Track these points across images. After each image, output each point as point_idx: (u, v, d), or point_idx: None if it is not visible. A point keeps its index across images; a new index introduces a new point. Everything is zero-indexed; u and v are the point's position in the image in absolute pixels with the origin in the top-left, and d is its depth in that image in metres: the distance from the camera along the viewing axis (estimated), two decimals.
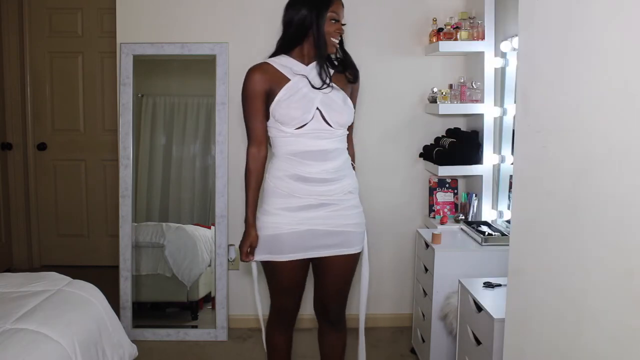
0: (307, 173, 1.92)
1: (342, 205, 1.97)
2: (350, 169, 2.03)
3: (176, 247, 3.18)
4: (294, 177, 1.93)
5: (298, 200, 1.93)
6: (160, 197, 3.30)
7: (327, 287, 2.07)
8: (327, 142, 1.93)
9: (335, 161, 1.95)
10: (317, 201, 1.94)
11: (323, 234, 1.96)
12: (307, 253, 1.97)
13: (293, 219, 1.94)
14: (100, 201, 4.22)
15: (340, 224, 1.97)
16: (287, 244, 1.95)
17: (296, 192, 1.93)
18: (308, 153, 1.92)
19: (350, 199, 2.00)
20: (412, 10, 3.08)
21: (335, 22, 1.95)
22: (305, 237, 1.95)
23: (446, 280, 2.47)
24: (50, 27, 4.14)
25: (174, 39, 3.05)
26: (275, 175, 1.96)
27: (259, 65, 1.98)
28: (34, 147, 4.21)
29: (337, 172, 1.96)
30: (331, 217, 1.96)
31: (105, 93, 4.16)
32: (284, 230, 1.94)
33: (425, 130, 3.14)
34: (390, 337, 3.12)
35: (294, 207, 1.94)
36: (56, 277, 2.30)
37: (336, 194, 1.96)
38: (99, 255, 4.19)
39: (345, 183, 1.98)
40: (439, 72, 3.09)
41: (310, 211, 1.94)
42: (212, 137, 3.10)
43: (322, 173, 1.93)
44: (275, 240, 1.95)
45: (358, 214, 2.03)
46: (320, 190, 1.94)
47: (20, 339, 1.75)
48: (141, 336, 3.06)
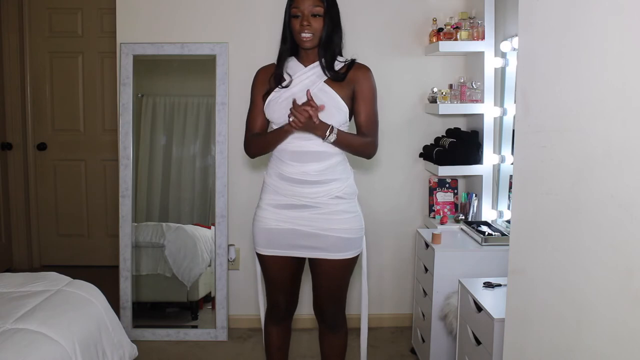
0: (288, 173, 1.96)
1: (328, 210, 1.96)
2: (343, 174, 1.99)
3: (176, 247, 3.18)
4: (279, 176, 1.98)
5: (282, 198, 1.99)
6: (160, 197, 3.30)
7: (320, 290, 2.09)
8: (312, 143, 1.93)
9: (319, 164, 1.94)
10: (299, 202, 1.97)
11: (306, 235, 1.97)
12: (289, 251, 2.01)
13: (278, 215, 1.99)
14: (100, 201, 4.22)
15: (325, 227, 1.96)
16: (271, 238, 2.01)
17: (280, 190, 1.98)
18: (291, 153, 1.95)
19: (339, 204, 1.97)
20: (412, 10, 3.07)
21: (296, 17, 1.93)
22: (287, 235, 1.99)
23: (446, 280, 2.47)
24: (50, 27, 4.14)
25: (174, 39, 3.05)
26: (268, 172, 2.04)
27: (266, 66, 2.07)
28: (34, 147, 4.21)
29: (320, 175, 1.95)
30: (315, 220, 1.96)
31: (105, 93, 4.16)
32: (270, 225, 2.01)
33: (425, 130, 3.14)
34: (390, 337, 3.12)
35: (279, 205, 1.99)
36: (56, 277, 2.30)
37: (320, 197, 1.95)
38: (99, 255, 4.18)
39: (332, 187, 1.96)
40: (439, 72, 3.09)
41: (293, 210, 1.98)
42: (212, 137, 3.10)
43: (301, 174, 1.95)
44: (263, 233, 2.02)
45: (349, 219, 1.99)
46: (302, 192, 1.95)
47: (20, 339, 1.75)
48: (141, 336, 3.06)
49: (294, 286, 2.13)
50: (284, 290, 2.11)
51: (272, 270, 2.07)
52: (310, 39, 1.93)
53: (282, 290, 2.10)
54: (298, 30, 1.92)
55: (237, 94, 3.06)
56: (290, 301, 2.15)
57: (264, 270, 2.10)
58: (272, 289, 2.12)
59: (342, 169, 2.01)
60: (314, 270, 2.06)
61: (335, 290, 2.08)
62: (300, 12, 1.92)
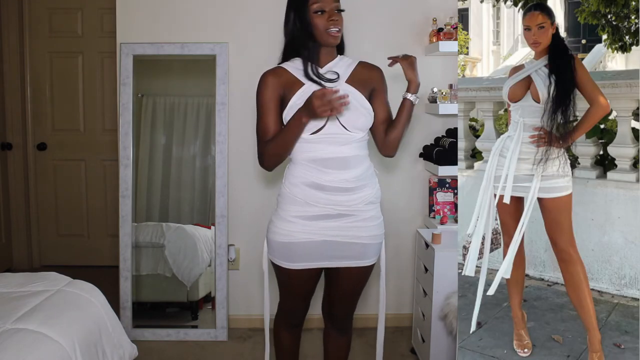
0: (325, 181, 1.83)
1: (361, 217, 1.88)
2: (371, 178, 1.92)
3: (176, 247, 3.18)
4: (311, 185, 1.84)
5: (315, 208, 1.85)
6: (160, 197, 3.30)
7: (337, 295, 2.05)
8: (346, 148, 1.83)
9: (355, 169, 1.85)
10: (334, 211, 1.85)
11: (337, 246, 1.89)
12: (319, 263, 1.92)
13: (308, 227, 1.86)
14: (100, 201, 4.21)
15: (356, 235, 1.89)
16: (299, 252, 1.89)
17: (313, 201, 1.84)
18: (326, 160, 1.83)
19: (370, 210, 1.91)
20: (412, 10, 3.07)
21: (321, 13, 1.81)
22: (318, 248, 1.88)
23: (446, 280, 2.47)
24: (50, 27, 4.14)
25: (174, 39, 3.05)
26: (292, 182, 1.88)
27: (273, 69, 1.90)
28: (34, 147, 4.21)
29: (357, 181, 1.85)
30: (347, 229, 1.88)
31: (105, 93, 4.16)
32: (297, 239, 1.87)
33: (425, 130, 3.14)
34: (390, 337, 3.12)
35: (310, 216, 1.86)
36: (56, 277, 2.30)
37: (356, 204, 1.87)
38: (99, 255, 4.18)
39: (366, 193, 1.88)
40: (439, 72, 3.09)
41: (326, 221, 1.86)
42: (212, 137, 3.10)
43: (341, 182, 1.83)
44: (287, 247, 1.89)
45: (377, 225, 1.94)
46: (338, 200, 1.85)
47: (20, 339, 1.75)
48: (141, 336, 3.05)
49: (312, 293, 2.07)
50: (303, 299, 2.05)
51: (295, 283, 1.97)
52: (338, 35, 1.83)
53: (302, 299, 2.05)
54: (324, 26, 1.80)
55: (237, 94, 3.06)
56: (306, 307, 2.10)
57: (285, 281, 1.99)
58: (290, 298, 2.04)
59: (372, 173, 1.94)
60: (334, 276, 1.99)
61: (353, 295, 2.05)
62: (323, 7, 1.80)
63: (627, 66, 4.27)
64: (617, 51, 3.85)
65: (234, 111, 3.06)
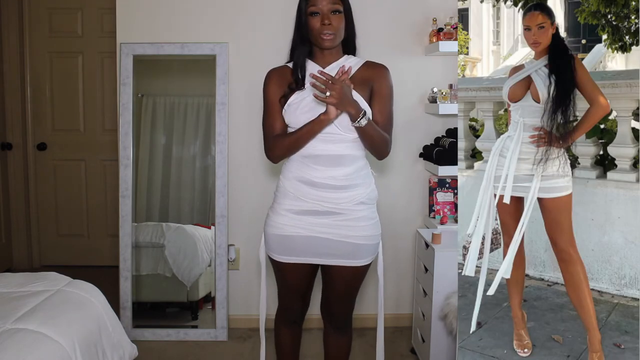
0: (315, 177, 1.86)
1: (351, 216, 1.89)
2: (366, 178, 1.93)
3: (176, 247, 3.18)
4: (302, 180, 1.88)
5: (304, 203, 1.89)
6: (160, 197, 3.30)
7: (333, 294, 2.05)
8: (338, 146, 1.85)
9: (346, 168, 1.87)
10: (322, 208, 1.87)
11: (327, 243, 1.90)
12: (309, 258, 1.94)
13: (297, 222, 1.90)
14: (100, 201, 4.22)
15: (346, 235, 1.90)
16: (290, 246, 1.93)
17: (302, 196, 1.88)
18: (317, 157, 1.85)
19: (361, 210, 1.91)
20: (412, 10, 3.07)
21: (315, 15, 1.81)
22: (307, 243, 1.91)
23: (446, 280, 2.47)
24: (50, 27, 4.14)
25: (174, 39, 3.05)
26: (286, 177, 1.93)
27: (278, 68, 1.94)
28: (34, 147, 4.21)
29: (347, 179, 1.87)
30: (337, 227, 1.89)
31: (105, 93, 4.16)
32: (287, 232, 1.92)
33: (425, 130, 3.14)
34: (390, 337, 3.12)
35: (299, 210, 1.90)
36: (56, 277, 2.30)
37: (344, 202, 1.88)
38: (99, 255, 4.18)
39: (357, 192, 1.89)
40: (439, 72, 3.09)
41: (315, 217, 1.88)
42: (212, 137, 3.10)
43: (329, 179, 1.85)
44: (279, 240, 1.94)
45: (370, 226, 1.94)
46: (327, 197, 1.87)
47: (20, 339, 1.75)
48: (141, 336, 3.06)
49: (308, 290, 2.09)
50: (298, 295, 2.07)
51: (288, 277, 2.01)
52: (332, 38, 1.82)
53: (297, 295, 2.07)
54: (318, 29, 1.81)
55: (237, 94, 3.06)
56: (304, 304, 2.12)
57: (279, 275, 2.03)
58: (286, 294, 2.07)
59: (366, 173, 1.94)
60: (328, 274, 2.01)
61: (348, 294, 2.05)
62: (318, 9, 1.80)
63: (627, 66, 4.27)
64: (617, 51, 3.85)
65: (234, 111, 3.06)
